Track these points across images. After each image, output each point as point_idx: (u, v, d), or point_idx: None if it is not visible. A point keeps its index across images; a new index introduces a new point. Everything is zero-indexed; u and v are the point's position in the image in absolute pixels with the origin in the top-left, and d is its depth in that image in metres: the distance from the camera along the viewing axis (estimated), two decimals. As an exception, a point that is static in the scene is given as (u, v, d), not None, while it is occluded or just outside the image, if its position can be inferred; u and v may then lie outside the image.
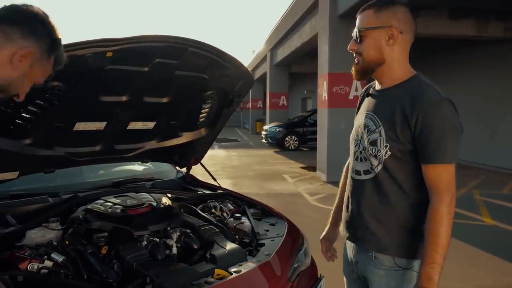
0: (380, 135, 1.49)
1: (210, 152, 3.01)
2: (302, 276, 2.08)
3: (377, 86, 1.62)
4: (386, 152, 1.47)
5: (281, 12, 17.26)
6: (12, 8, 1.07)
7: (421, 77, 1.52)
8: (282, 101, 21.56)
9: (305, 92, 25.18)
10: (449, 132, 1.39)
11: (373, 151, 1.51)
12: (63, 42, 1.17)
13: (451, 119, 1.40)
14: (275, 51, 20.04)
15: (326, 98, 9.33)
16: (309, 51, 14.68)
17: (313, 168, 10.68)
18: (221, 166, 11.59)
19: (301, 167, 11.42)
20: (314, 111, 15.25)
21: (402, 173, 1.48)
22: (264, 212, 2.60)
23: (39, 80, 1.15)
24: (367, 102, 1.64)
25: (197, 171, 3.09)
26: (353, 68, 1.59)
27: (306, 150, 15.70)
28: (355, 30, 1.53)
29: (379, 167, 1.50)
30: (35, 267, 1.62)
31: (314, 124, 12.78)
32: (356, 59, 1.56)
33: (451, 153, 1.40)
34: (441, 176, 1.40)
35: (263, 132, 17.73)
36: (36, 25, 1.07)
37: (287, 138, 16.29)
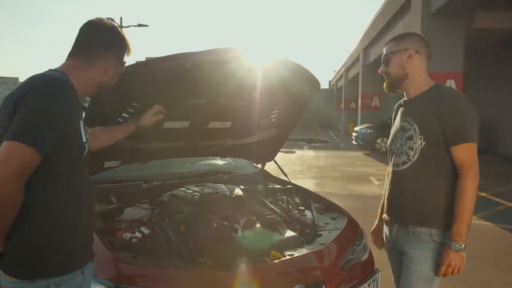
0: (415, 131, 1.83)
1: (298, 152, 3.27)
2: (356, 267, 2.24)
3: (406, 98, 1.98)
4: (421, 143, 1.80)
5: (375, 11, 16.84)
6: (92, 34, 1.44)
7: (440, 84, 1.91)
8: (374, 102, 20.93)
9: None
10: (467, 118, 1.74)
11: (410, 144, 1.84)
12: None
13: (468, 108, 1.75)
14: (368, 51, 19.58)
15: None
16: (403, 50, 14.11)
17: (402, 172, 10.30)
18: (307, 166, 11.78)
19: (390, 170, 11.08)
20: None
21: (435, 159, 1.79)
22: (327, 207, 2.79)
23: (122, 71, 1.55)
24: (401, 111, 1.99)
25: (285, 169, 3.42)
26: (384, 84, 1.98)
27: (398, 153, 15.06)
28: (382, 56, 1.94)
29: (416, 156, 1.82)
30: (128, 236, 2.04)
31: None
32: (386, 79, 1.95)
33: (471, 134, 1.73)
34: (466, 154, 1.73)
35: (353, 134, 17.23)
36: (110, 39, 1.45)
37: (378, 140, 15.67)
